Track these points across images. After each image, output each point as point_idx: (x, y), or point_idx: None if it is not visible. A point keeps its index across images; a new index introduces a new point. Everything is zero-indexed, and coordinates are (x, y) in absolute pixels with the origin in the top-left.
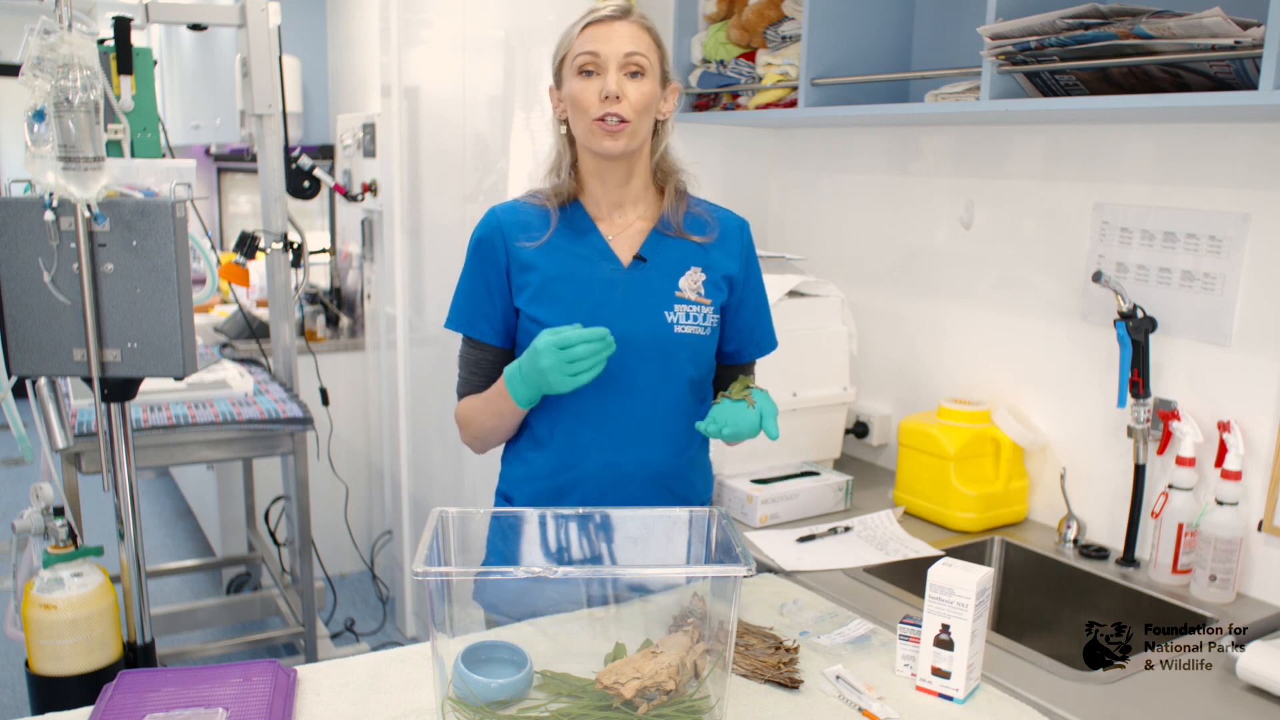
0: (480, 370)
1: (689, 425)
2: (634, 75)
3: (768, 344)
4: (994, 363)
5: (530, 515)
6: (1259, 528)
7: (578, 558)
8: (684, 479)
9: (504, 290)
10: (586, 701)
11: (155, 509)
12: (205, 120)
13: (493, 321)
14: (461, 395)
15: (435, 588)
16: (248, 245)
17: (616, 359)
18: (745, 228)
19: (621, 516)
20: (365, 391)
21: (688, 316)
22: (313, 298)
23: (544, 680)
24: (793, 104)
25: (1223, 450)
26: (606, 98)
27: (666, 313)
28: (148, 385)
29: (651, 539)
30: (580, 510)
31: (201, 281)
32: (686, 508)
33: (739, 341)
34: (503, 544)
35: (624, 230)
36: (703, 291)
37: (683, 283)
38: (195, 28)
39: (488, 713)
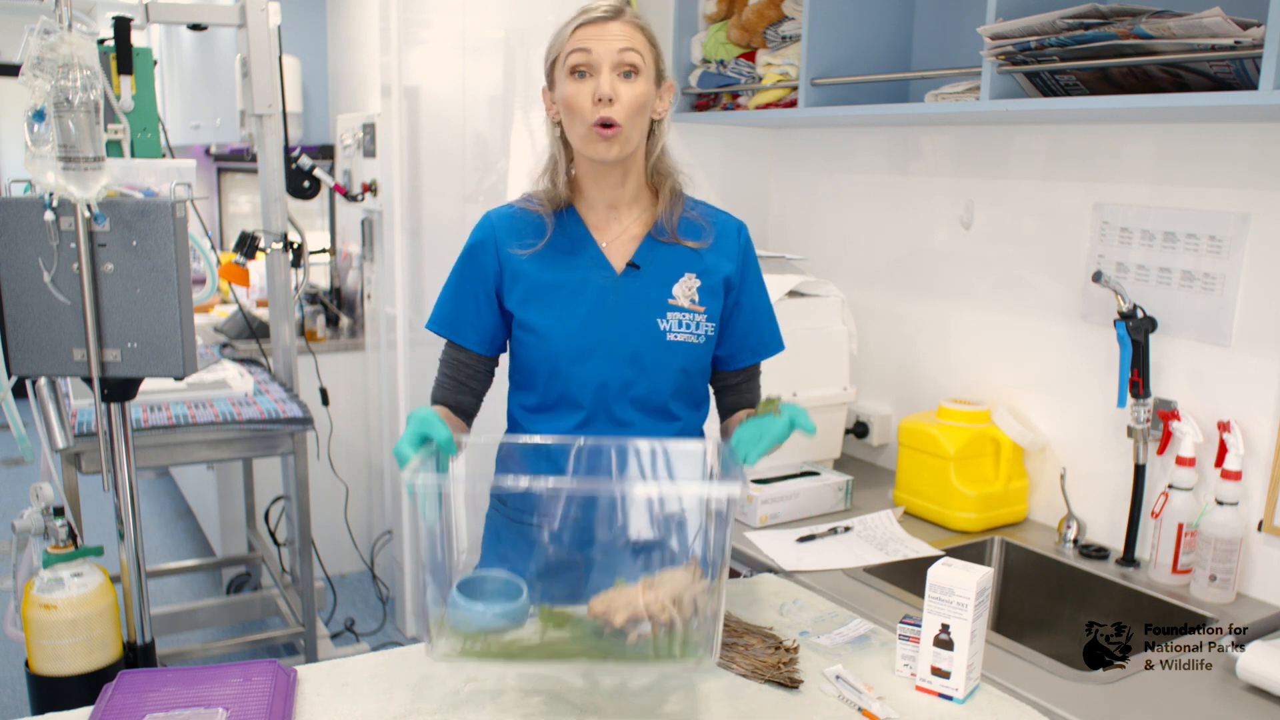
0: (459, 371)
1: (681, 432)
2: (627, 75)
3: (770, 346)
4: (994, 363)
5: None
6: (1259, 528)
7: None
8: None
9: (492, 300)
10: (578, 630)
11: (155, 509)
12: (205, 120)
13: (479, 329)
14: (435, 398)
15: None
16: (248, 245)
17: (610, 367)
18: (743, 230)
19: (621, 450)
20: (365, 391)
21: (681, 324)
22: (313, 298)
23: (539, 612)
24: (793, 104)
25: (1223, 450)
26: (600, 100)
27: (659, 320)
28: (148, 385)
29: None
30: (583, 440)
31: (201, 281)
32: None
33: (734, 344)
34: (498, 545)
35: (619, 236)
36: (697, 299)
37: (676, 290)
38: (195, 28)
39: (478, 638)
